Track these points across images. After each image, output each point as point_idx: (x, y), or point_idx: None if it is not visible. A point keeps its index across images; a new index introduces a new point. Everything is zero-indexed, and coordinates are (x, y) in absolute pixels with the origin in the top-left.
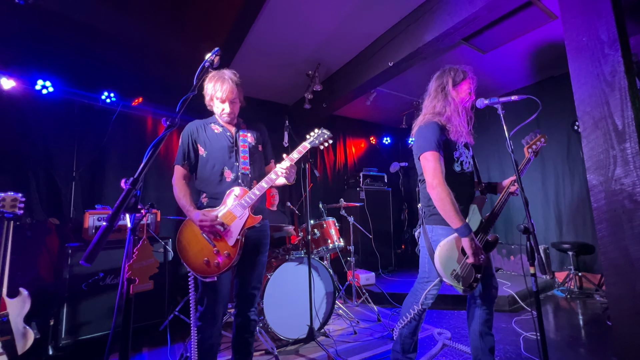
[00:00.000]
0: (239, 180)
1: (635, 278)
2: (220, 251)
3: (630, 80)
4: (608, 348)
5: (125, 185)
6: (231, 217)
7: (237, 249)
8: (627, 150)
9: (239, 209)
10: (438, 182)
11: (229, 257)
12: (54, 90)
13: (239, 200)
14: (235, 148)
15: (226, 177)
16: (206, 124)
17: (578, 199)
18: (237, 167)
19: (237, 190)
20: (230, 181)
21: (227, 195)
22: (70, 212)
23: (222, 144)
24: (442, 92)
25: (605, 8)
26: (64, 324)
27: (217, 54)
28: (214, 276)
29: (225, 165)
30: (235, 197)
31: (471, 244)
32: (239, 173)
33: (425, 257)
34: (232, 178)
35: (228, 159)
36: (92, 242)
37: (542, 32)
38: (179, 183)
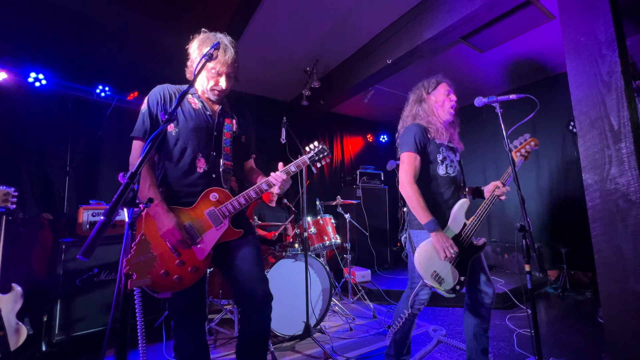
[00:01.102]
0: (213, 174)
1: (627, 276)
2: (186, 264)
3: (626, 81)
4: (599, 345)
5: (123, 180)
6: (206, 225)
7: (207, 264)
8: (623, 150)
9: (217, 217)
10: (408, 180)
11: (196, 272)
12: (47, 83)
13: (220, 207)
14: (216, 134)
15: (198, 166)
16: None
17: (571, 198)
18: (214, 157)
19: (217, 193)
20: (202, 172)
21: (203, 195)
22: (64, 207)
23: (199, 124)
24: (419, 100)
25: (604, 8)
26: (57, 320)
27: (217, 48)
28: (168, 293)
29: (200, 151)
30: (215, 200)
31: (437, 238)
32: (219, 169)
33: (412, 261)
34: (205, 169)
35: (204, 144)
36: (89, 236)
37: (539, 32)
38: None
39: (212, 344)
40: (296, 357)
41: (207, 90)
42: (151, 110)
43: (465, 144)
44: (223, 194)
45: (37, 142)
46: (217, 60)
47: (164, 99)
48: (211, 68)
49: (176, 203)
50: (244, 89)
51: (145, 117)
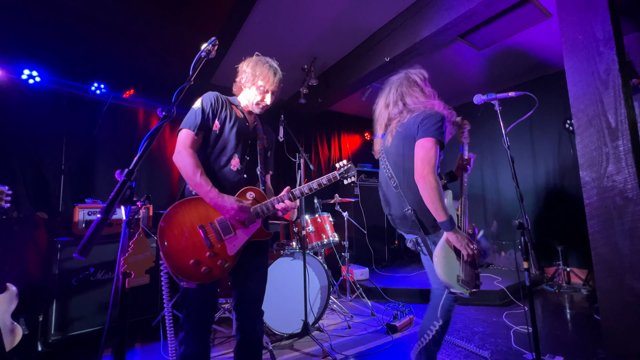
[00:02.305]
0: (244, 175)
1: (624, 272)
2: (217, 257)
3: (624, 79)
4: (595, 341)
5: (120, 177)
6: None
7: (235, 261)
8: (620, 148)
9: (251, 215)
10: (430, 170)
11: (225, 267)
12: (41, 80)
13: (256, 205)
14: (250, 142)
15: (232, 164)
16: (229, 102)
17: (568, 195)
18: (247, 161)
19: (254, 192)
20: (235, 171)
21: (240, 193)
22: (60, 206)
23: (239, 130)
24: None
25: (602, 6)
26: (53, 319)
27: (214, 44)
28: (194, 283)
29: (236, 152)
30: (251, 199)
31: (457, 237)
32: (255, 171)
33: (432, 271)
34: (239, 169)
35: (241, 148)
36: (86, 234)
37: (536, 30)
38: (190, 153)
39: (211, 343)
40: (295, 356)
41: (253, 104)
42: (204, 108)
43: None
44: (259, 194)
45: (32, 140)
46: (267, 79)
47: (217, 102)
48: (260, 86)
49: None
50: None
51: (198, 113)
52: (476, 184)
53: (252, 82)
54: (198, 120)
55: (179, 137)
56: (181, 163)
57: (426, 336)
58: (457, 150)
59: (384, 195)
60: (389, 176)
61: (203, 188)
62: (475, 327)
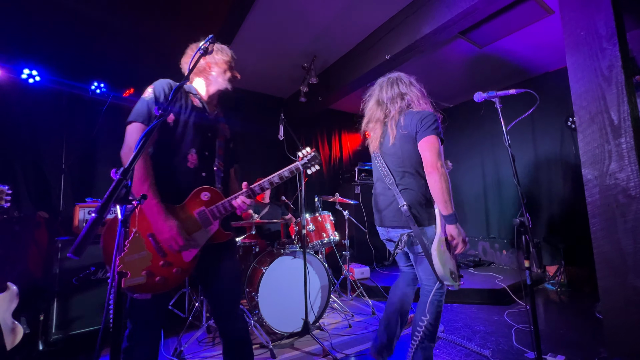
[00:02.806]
0: (203, 173)
1: (627, 271)
2: (172, 265)
3: (627, 75)
4: (597, 340)
5: (116, 176)
6: (195, 225)
7: (193, 266)
8: (622, 145)
9: (207, 218)
10: (441, 163)
11: (182, 274)
12: (41, 79)
13: (211, 207)
14: (210, 135)
15: (190, 160)
16: (184, 91)
17: (569, 193)
18: (206, 157)
19: (209, 192)
20: (193, 169)
21: (194, 194)
22: (60, 205)
23: (197, 122)
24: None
25: (605, 2)
26: (54, 318)
27: (211, 42)
28: (148, 294)
29: (194, 147)
30: (206, 200)
31: (460, 230)
32: (212, 168)
33: (425, 266)
34: (197, 166)
35: (199, 142)
36: (80, 234)
37: (538, 27)
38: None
39: (211, 342)
40: (295, 354)
41: (226, 81)
42: (157, 98)
43: (463, 139)
44: (215, 193)
45: (32, 140)
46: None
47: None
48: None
49: (164, 199)
50: (241, 86)
51: (150, 104)
52: (477, 182)
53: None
54: (145, 111)
55: (128, 131)
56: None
57: (417, 334)
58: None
59: (377, 195)
60: (384, 174)
61: (148, 200)
62: (477, 326)
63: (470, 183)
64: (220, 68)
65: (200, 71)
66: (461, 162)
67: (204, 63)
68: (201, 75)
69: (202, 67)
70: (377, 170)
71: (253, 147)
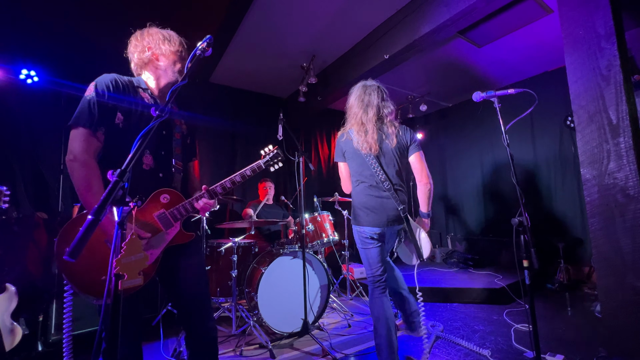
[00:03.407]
0: (160, 174)
1: (626, 271)
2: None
3: (625, 75)
4: (596, 339)
5: (112, 177)
6: (155, 228)
7: (155, 268)
8: (621, 145)
9: (168, 220)
10: (429, 175)
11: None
12: (40, 80)
13: (171, 209)
14: (165, 133)
15: (144, 163)
16: (132, 86)
17: (568, 192)
18: (162, 156)
19: (168, 194)
20: (147, 170)
21: (153, 197)
22: (59, 205)
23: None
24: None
25: (603, 1)
26: (53, 319)
27: (209, 42)
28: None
29: (148, 148)
30: (166, 202)
31: (429, 222)
32: (170, 169)
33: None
34: (152, 167)
35: (153, 142)
36: (77, 236)
37: (537, 26)
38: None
39: None
40: (295, 355)
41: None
42: (100, 98)
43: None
44: (175, 195)
45: (31, 140)
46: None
47: (116, 87)
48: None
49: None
50: (240, 85)
51: (93, 105)
52: (476, 181)
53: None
54: (95, 114)
55: (72, 137)
56: (74, 175)
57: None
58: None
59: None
60: (382, 179)
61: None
62: (476, 325)
63: (469, 182)
64: (168, 59)
65: (145, 63)
66: (460, 161)
67: (149, 54)
68: (148, 67)
69: (148, 58)
70: (370, 173)
71: (251, 148)
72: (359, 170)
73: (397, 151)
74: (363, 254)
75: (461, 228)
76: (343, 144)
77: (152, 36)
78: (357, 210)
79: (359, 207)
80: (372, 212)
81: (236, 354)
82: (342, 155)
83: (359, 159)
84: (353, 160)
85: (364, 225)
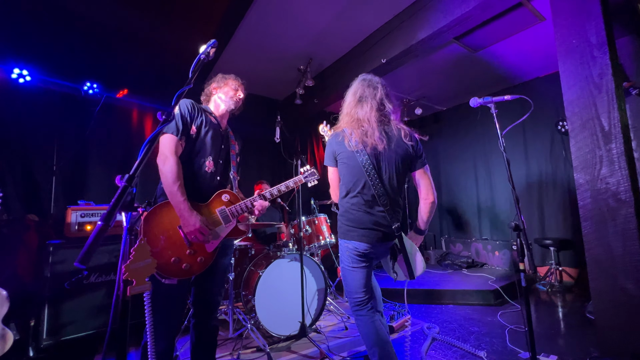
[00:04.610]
0: (217, 177)
1: (617, 274)
2: (197, 254)
3: (617, 83)
4: (588, 340)
5: (121, 183)
6: (217, 221)
7: (213, 257)
8: (613, 151)
9: (227, 216)
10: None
11: (203, 263)
12: (32, 79)
13: (230, 207)
14: (223, 147)
15: (207, 166)
16: (203, 109)
17: (560, 196)
18: (220, 165)
19: (228, 194)
20: (210, 173)
21: (216, 195)
22: (51, 207)
23: (214, 134)
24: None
25: (595, 11)
26: (45, 324)
27: (214, 47)
28: (174, 279)
29: (210, 156)
30: (226, 201)
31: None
32: (226, 175)
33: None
34: (213, 171)
35: (215, 152)
36: (87, 242)
37: (530, 33)
38: (175, 161)
39: None
40: (292, 358)
41: (229, 100)
42: (183, 114)
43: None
44: (233, 196)
45: (22, 141)
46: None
47: (193, 108)
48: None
49: (188, 196)
50: None
51: (178, 119)
52: (470, 184)
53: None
54: (180, 126)
55: (163, 141)
56: (166, 169)
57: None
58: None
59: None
60: (379, 193)
61: (177, 198)
62: (471, 327)
63: (463, 185)
64: (227, 95)
65: (208, 95)
66: (455, 164)
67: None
68: (210, 98)
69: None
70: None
71: (249, 149)
72: (352, 180)
73: (401, 162)
74: (348, 275)
75: (455, 230)
76: (335, 145)
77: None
78: (345, 223)
79: (347, 221)
80: (362, 229)
81: (233, 357)
82: (333, 159)
83: (353, 166)
84: (345, 165)
85: (354, 240)
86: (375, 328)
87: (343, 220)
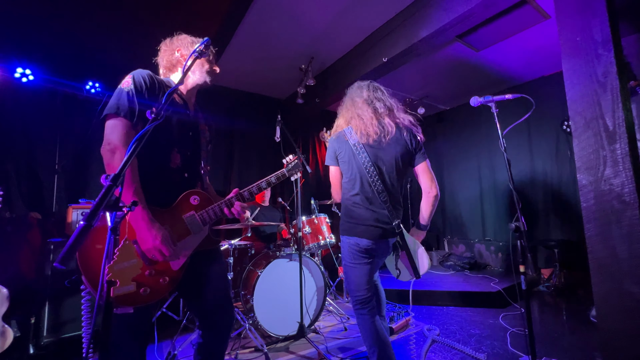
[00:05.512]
0: (185, 173)
1: (622, 277)
2: (160, 274)
3: (621, 81)
4: (591, 344)
5: (106, 182)
6: (184, 231)
7: (181, 275)
8: (617, 151)
9: (197, 223)
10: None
11: (169, 284)
12: (35, 78)
13: (201, 212)
14: (192, 134)
15: (172, 161)
16: (164, 84)
17: (564, 197)
18: (188, 157)
19: (198, 196)
20: (174, 169)
21: (183, 197)
22: (53, 206)
23: (179, 119)
24: None
25: (600, 8)
26: (45, 321)
27: (206, 44)
28: (130, 307)
29: (176, 147)
30: (195, 204)
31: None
32: (196, 169)
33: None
34: (178, 166)
35: (181, 141)
36: (68, 242)
37: (534, 31)
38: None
39: None
40: (290, 358)
41: (204, 74)
42: (138, 89)
43: (460, 141)
44: (204, 197)
45: (25, 140)
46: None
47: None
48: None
49: (149, 199)
50: (238, 86)
51: (132, 95)
52: (473, 185)
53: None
54: (135, 105)
55: (109, 126)
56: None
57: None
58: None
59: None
60: (380, 190)
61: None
62: (472, 329)
63: (466, 185)
64: (202, 66)
65: (174, 65)
66: (458, 164)
67: (178, 56)
68: (177, 69)
69: (177, 59)
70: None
71: (249, 149)
72: (353, 178)
73: (400, 158)
74: (350, 272)
75: (458, 231)
76: (336, 145)
77: (181, 40)
78: (347, 220)
79: (349, 218)
80: (363, 225)
81: (231, 357)
82: (334, 158)
83: (354, 164)
84: (346, 163)
85: (356, 236)
86: (376, 328)
87: (345, 217)
